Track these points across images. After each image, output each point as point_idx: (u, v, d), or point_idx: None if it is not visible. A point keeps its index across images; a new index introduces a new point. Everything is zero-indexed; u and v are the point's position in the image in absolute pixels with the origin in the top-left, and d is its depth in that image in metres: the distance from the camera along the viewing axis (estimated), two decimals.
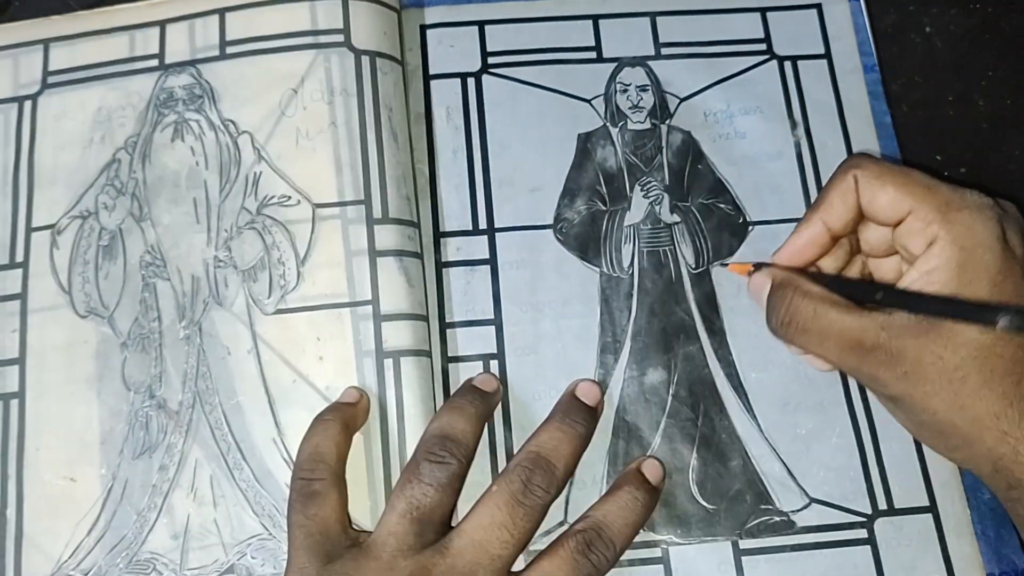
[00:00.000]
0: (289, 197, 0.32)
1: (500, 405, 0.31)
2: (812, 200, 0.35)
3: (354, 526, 0.29)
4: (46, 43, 0.35)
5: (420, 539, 0.26)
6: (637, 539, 0.30)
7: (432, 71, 0.35)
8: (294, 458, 0.29)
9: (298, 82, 0.33)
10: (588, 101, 0.35)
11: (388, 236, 0.32)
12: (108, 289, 0.32)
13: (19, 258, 0.32)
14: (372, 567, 0.25)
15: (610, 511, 0.27)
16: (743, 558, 0.29)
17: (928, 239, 0.26)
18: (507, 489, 0.26)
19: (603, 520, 0.27)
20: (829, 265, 0.30)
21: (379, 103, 0.33)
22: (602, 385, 0.31)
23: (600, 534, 0.27)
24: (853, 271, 0.30)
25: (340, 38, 0.34)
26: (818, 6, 0.37)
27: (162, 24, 0.35)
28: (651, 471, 0.29)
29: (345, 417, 0.29)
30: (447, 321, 0.32)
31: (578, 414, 0.29)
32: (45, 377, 0.31)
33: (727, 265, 0.32)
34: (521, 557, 0.27)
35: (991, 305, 0.24)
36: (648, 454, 0.31)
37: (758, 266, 0.29)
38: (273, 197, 0.32)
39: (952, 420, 0.26)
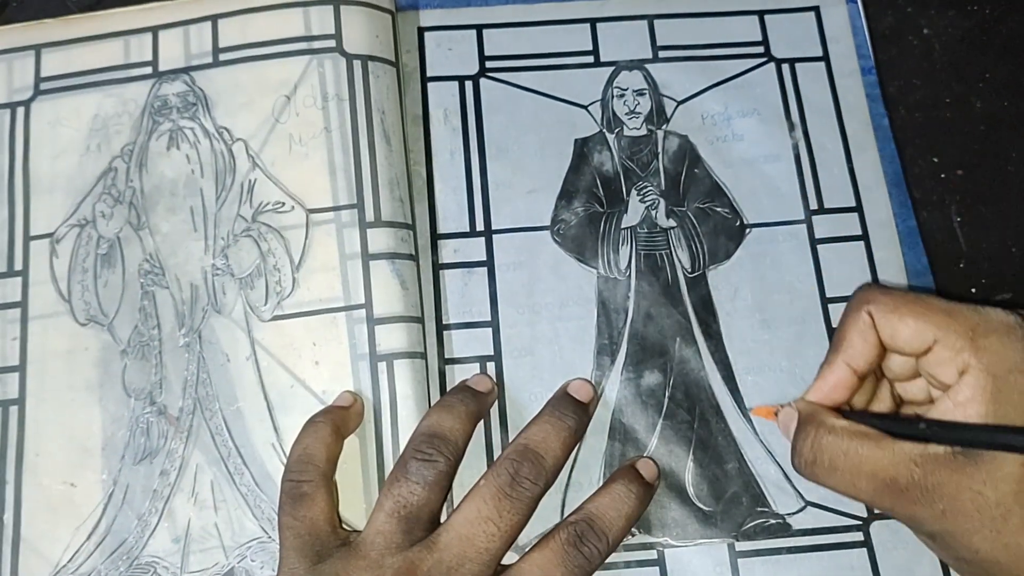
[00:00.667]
0: (283, 203, 0.33)
1: (496, 407, 0.32)
2: (809, 203, 0.35)
3: (344, 526, 0.29)
4: (38, 48, 0.35)
5: (408, 536, 0.27)
6: (633, 541, 0.30)
7: (430, 73, 0.36)
8: None
9: (291, 88, 0.34)
10: (585, 107, 0.36)
11: (381, 239, 0.33)
12: (107, 297, 0.33)
13: (18, 266, 0.33)
14: (360, 565, 0.26)
15: (603, 503, 0.28)
16: (739, 560, 0.30)
17: (959, 368, 0.25)
18: (494, 483, 0.27)
19: (595, 512, 0.27)
20: (857, 398, 0.29)
21: (371, 107, 0.34)
22: (597, 387, 0.32)
23: (592, 526, 0.27)
24: (883, 397, 0.30)
25: (332, 43, 0.34)
26: (816, 8, 0.37)
27: (155, 30, 0.35)
28: (646, 468, 0.30)
29: (336, 420, 0.30)
30: (444, 323, 0.33)
31: (568, 408, 0.29)
32: (45, 384, 0.32)
33: (751, 409, 0.32)
34: (513, 554, 0.28)
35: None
36: (644, 455, 0.31)
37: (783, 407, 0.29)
38: (268, 204, 0.33)
39: (996, 558, 0.25)
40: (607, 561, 0.29)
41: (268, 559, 0.30)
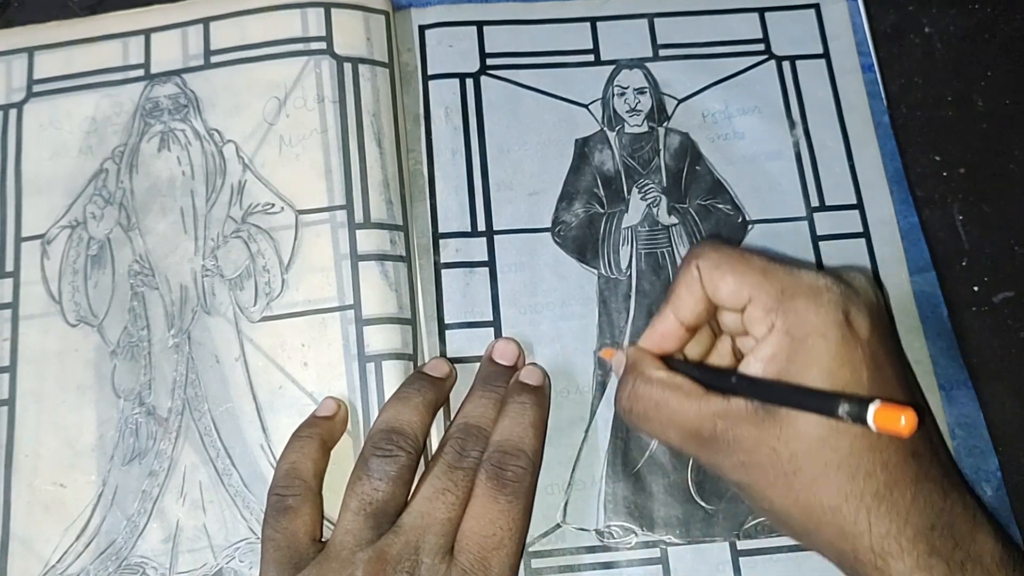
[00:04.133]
0: (273, 205, 0.36)
1: None
2: (810, 200, 0.36)
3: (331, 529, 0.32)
4: (31, 51, 0.39)
5: (376, 532, 0.29)
6: (636, 540, 0.32)
7: (431, 72, 0.38)
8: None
9: (282, 90, 0.37)
10: (585, 106, 0.37)
11: (369, 240, 0.35)
12: (97, 298, 0.35)
13: (9, 267, 0.36)
14: (333, 568, 0.28)
15: (504, 427, 0.31)
16: (741, 559, 0.32)
17: (767, 326, 0.27)
18: (443, 460, 0.30)
19: (501, 438, 0.30)
20: (693, 349, 0.32)
21: (362, 109, 0.37)
22: (519, 343, 0.34)
23: (504, 450, 0.30)
24: (723, 351, 0.32)
25: (323, 45, 0.38)
26: (816, 6, 0.40)
27: (147, 33, 0.39)
28: (529, 376, 0.32)
29: (323, 433, 0.32)
30: (445, 323, 0.34)
31: (498, 378, 0.32)
32: (36, 385, 0.35)
33: (600, 351, 0.35)
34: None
35: (832, 394, 0.25)
36: (648, 453, 0.33)
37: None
38: (257, 205, 0.36)
39: (788, 511, 0.27)
40: (611, 559, 0.32)
41: (257, 560, 0.33)
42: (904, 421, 0.22)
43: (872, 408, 0.23)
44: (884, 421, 0.22)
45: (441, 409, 0.33)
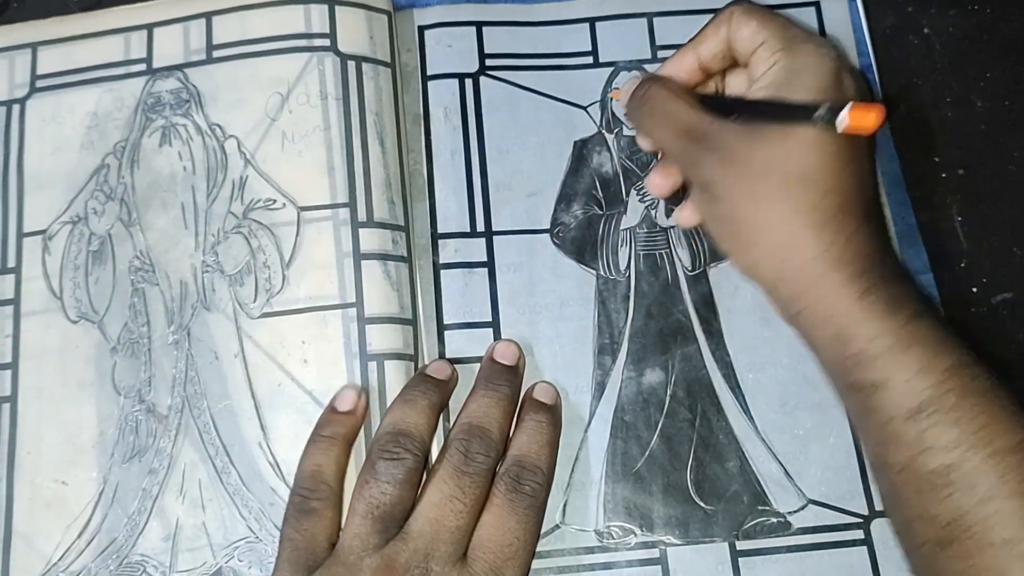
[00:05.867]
0: (274, 200, 0.36)
1: None
2: None
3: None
4: (34, 46, 0.39)
5: (384, 536, 0.30)
6: (635, 540, 0.32)
7: (430, 72, 0.38)
8: (279, 462, 0.34)
9: (285, 86, 0.38)
10: (584, 108, 0.38)
11: (372, 239, 0.36)
12: (98, 294, 0.36)
13: (11, 263, 0.36)
14: (339, 572, 0.29)
15: (521, 443, 0.32)
16: (740, 559, 0.32)
17: (769, 65, 0.31)
18: (449, 464, 0.31)
19: (519, 453, 0.31)
20: None
21: (365, 108, 0.37)
22: (519, 345, 0.35)
23: (522, 465, 0.31)
24: None
25: (327, 42, 0.38)
26: (816, 5, 0.40)
27: (149, 28, 0.39)
28: (543, 394, 0.34)
29: (347, 433, 0.33)
30: (444, 323, 0.35)
31: (500, 377, 0.33)
32: (38, 381, 0.35)
33: (614, 90, 0.39)
34: None
35: (810, 104, 0.29)
36: (647, 453, 0.33)
37: None
38: (259, 201, 0.36)
39: (746, 213, 0.31)
40: (610, 560, 0.33)
41: (256, 559, 0.33)
42: (872, 116, 0.27)
43: (847, 107, 0.27)
44: (856, 119, 0.27)
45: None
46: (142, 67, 0.38)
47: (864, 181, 0.31)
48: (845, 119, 0.27)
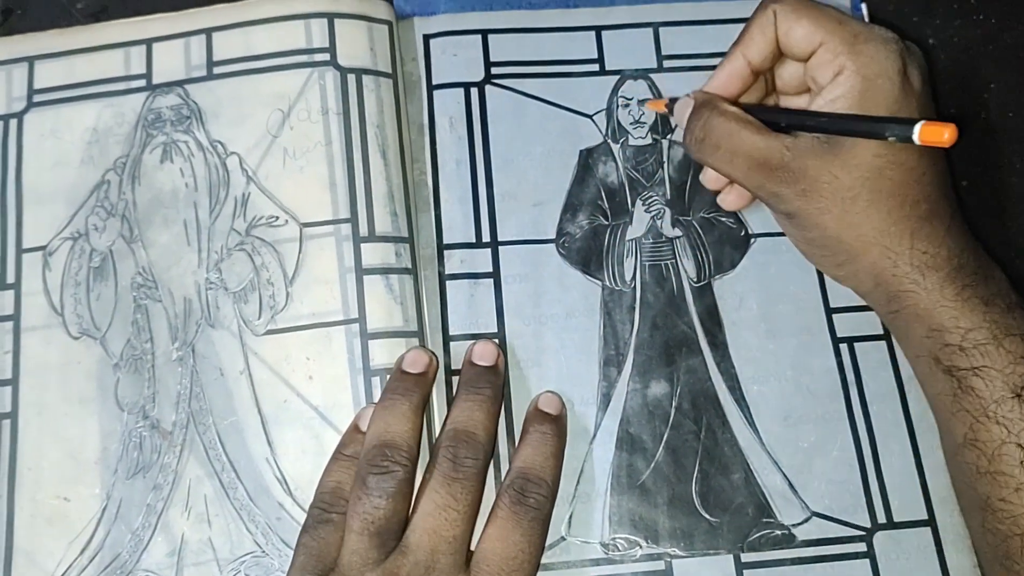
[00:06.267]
0: (277, 217, 0.36)
1: (503, 418, 0.35)
2: None
3: None
4: (31, 60, 0.39)
5: (382, 550, 0.30)
6: (641, 552, 0.32)
7: (435, 81, 0.38)
8: (286, 477, 0.34)
9: (286, 102, 0.38)
10: (590, 117, 0.38)
11: (374, 254, 0.36)
12: (100, 310, 0.36)
13: (11, 279, 0.36)
14: None
15: (527, 455, 0.32)
16: (745, 571, 0.33)
17: (836, 70, 0.31)
18: (439, 472, 0.31)
19: (524, 466, 0.32)
20: (746, 101, 0.36)
21: (366, 121, 0.37)
22: (497, 344, 0.35)
23: (527, 477, 0.31)
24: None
25: (327, 57, 0.38)
26: None
27: (149, 43, 0.39)
28: (548, 405, 0.34)
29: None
30: (450, 334, 0.35)
31: (480, 380, 0.33)
32: (39, 397, 0.35)
33: (644, 102, 0.39)
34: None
35: (882, 119, 0.30)
36: (652, 465, 0.34)
37: (675, 100, 0.36)
38: (261, 218, 0.36)
39: (840, 236, 0.32)
40: (615, 572, 0.33)
41: (262, 573, 0.33)
42: (947, 135, 0.27)
43: (918, 125, 0.28)
44: (929, 135, 0.27)
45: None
46: (142, 83, 0.38)
47: (945, 183, 0.32)
48: (918, 136, 0.28)
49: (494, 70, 0.39)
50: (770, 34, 0.32)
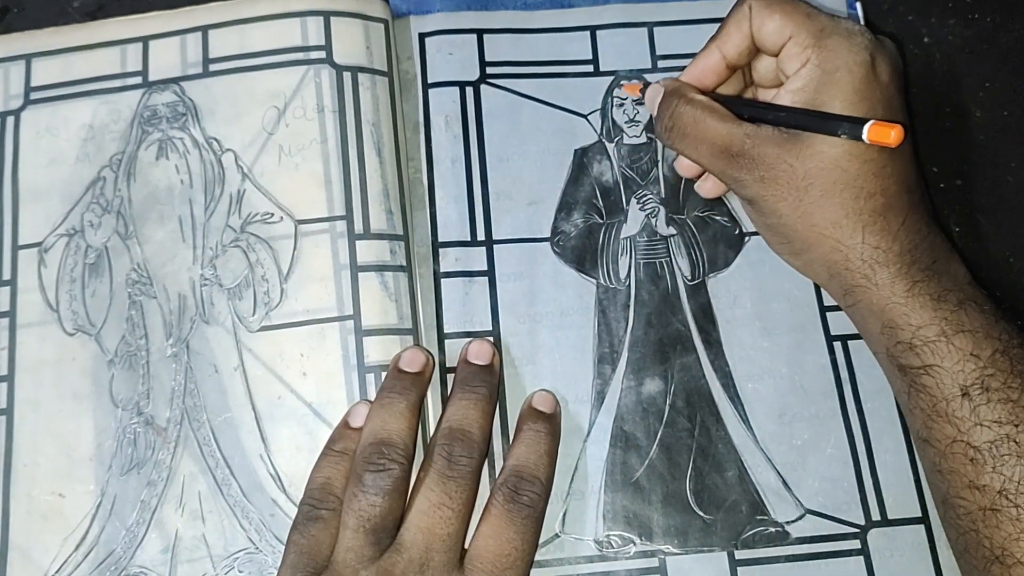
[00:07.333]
0: (272, 214, 0.37)
1: (498, 417, 0.36)
2: None
3: None
4: (28, 58, 0.39)
5: (377, 547, 0.30)
6: (635, 549, 0.33)
7: (431, 79, 0.39)
8: (280, 473, 0.34)
9: (281, 100, 0.38)
10: (584, 116, 0.38)
11: (369, 251, 0.36)
12: (95, 307, 0.36)
13: (6, 275, 0.37)
14: None
15: (520, 453, 0.32)
16: (738, 568, 0.33)
17: (802, 62, 0.32)
18: (434, 470, 0.31)
19: (517, 464, 0.32)
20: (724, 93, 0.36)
21: (361, 118, 0.38)
22: (492, 343, 0.35)
23: (520, 475, 0.31)
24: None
25: (323, 54, 0.38)
26: None
27: (145, 40, 0.39)
28: (542, 403, 0.34)
29: (355, 449, 0.33)
30: (445, 332, 0.35)
31: (475, 378, 0.34)
32: (34, 394, 0.35)
33: (622, 86, 0.39)
34: None
35: (837, 117, 0.30)
36: (646, 463, 0.34)
37: (648, 84, 0.37)
38: (256, 214, 0.37)
39: (794, 224, 0.32)
40: (609, 569, 0.33)
41: (256, 569, 0.33)
42: (893, 135, 0.28)
43: (867, 124, 0.28)
44: (876, 135, 0.28)
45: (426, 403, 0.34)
46: (138, 80, 0.38)
47: (907, 177, 0.32)
48: (866, 135, 0.28)
49: (489, 69, 0.39)
50: (745, 29, 0.33)
